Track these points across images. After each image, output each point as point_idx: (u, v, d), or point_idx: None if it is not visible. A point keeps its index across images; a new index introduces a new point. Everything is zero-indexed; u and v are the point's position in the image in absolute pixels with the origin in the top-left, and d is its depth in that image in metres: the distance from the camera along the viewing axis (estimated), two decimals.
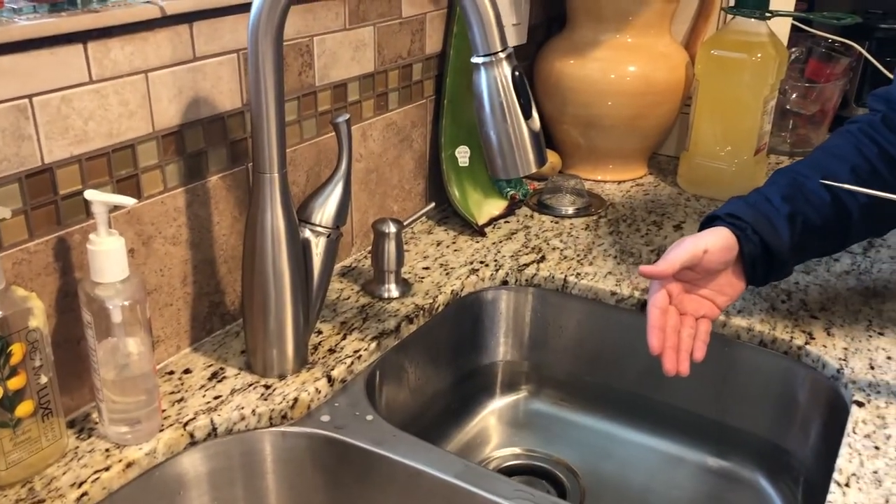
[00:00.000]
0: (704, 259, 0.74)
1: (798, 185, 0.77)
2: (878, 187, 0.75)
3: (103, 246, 0.60)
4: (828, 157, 0.79)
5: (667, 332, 0.74)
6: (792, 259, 0.77)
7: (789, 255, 0.76)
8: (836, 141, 0.81)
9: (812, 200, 0.77)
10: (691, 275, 0.76)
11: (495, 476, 0.68)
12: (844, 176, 0.77)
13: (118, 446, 0.65)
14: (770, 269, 0.77)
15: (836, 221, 0.77)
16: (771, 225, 0.75)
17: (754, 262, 0.76)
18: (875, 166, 0.77)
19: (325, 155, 0.89)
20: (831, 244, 0.81)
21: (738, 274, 0.77)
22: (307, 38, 0.83)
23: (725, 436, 0.88)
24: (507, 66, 0.63)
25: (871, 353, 0.80)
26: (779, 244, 0.75)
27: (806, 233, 0.76)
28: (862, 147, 0.78)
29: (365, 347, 0.80)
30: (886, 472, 0.65)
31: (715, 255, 0.74)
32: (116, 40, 0.64)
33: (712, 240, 0.75)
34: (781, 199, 0.77)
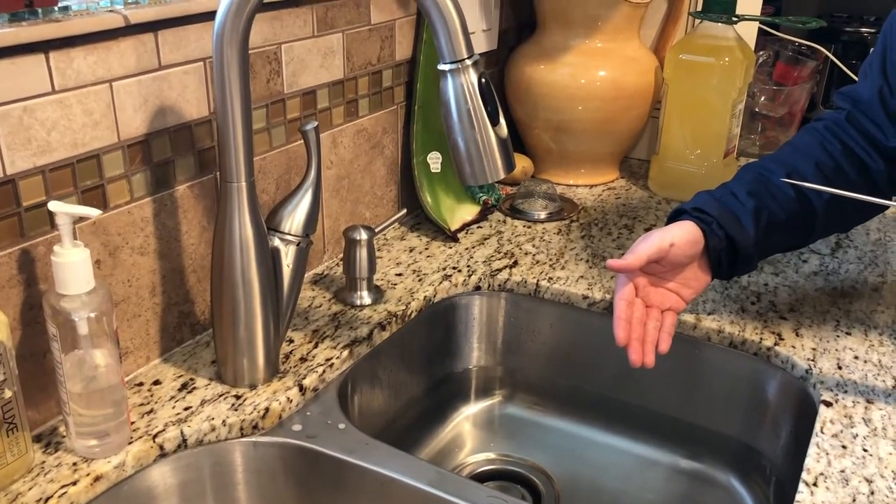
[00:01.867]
0: (671, 252, 0.75)
1: (763, 181, 0.78)
2: (842, 183, 0.76)
3: (68, 258, 0.60)
4: (793, 154, 0.80)
5: (632, 324, 0.74)
6: (757, 253, 0.78)
7: (754, 249, 0.77)
8: (802, 138, 0.82)
9: (777, 196, 0.78)
10: (658, 268, 0.76)
11: (468, 483, 0.67)
12: (809, 172, 0.78)
13: (86, 460, 0.64)
14: (735, 263, 0.78)
15: (801, 216, 0.79)
16: (736, 220, 0.76)
17: (720, 255, 0.77)
18: (839, 163, 0.79)
19: (295, 163, 0.88)
20: (796, 239, 0.83)
21: (704, 267, 0.78)
22: (275, 46, 0.82)
23: (697, 437, 0.88)
24: (473, 73, 0.63)
25: (838, 353, 0.81)
26: (744, 238, 0.76)
27: (771, 227, 0.78)
28: (826, 144, 0.80)
29: (337, 355, 0.80)
30: (853, 471, 0.66)
31: (681, 249, 0.75)
32: (79, 49, 0.64)
33: (678, 233, 0.75)
34: (747, 193, 0.78)
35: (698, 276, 0.78)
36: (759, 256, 0.80)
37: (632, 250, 0.75)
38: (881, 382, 0.77)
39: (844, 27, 1.48)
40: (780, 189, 0.78)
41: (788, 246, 0.84)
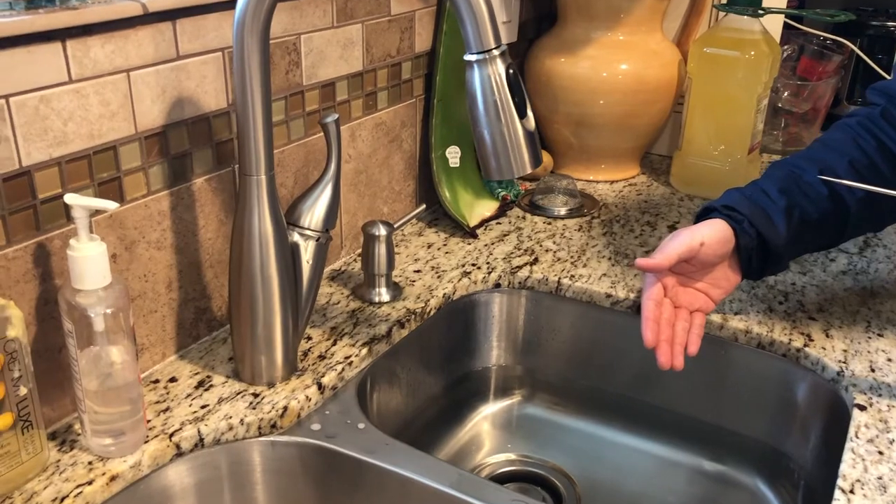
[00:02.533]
0: (701, 252, 0.73)
1: (795, 178, 0.76)
2: (876, 181, 0.74)
3: (84, 252, 0.58)
4: (826, 150, 0.78)
5: (661, 325, 0.73)
6: (788, 252, 0.76)
7: (785, 248, 0.75)
8: (835, 134, 0.80)
9: (809, 194, 0.76)
10: (687, 267, 0.74)
11: (490, 485, 0.66)
12: (842, 169, 0.76)
13: (101, 459, 0.62)
14: (766, 263, 0.76)
15: (834, 215, 0.76)
16: (768, 218, 0.74)
17: (750, 254, 0.75)
18: (873, 160, 0.76)
19: (313, 156, 0.87)
20: (828, 238, 0.80)
21: (734, 267, 0.76)
22: (294, 37, 0.81)
23: (722, 439, 0.86)
24: (501, 64, 0.61)
25: (871, 355, 0.79)
26: (775, 237, 0.74)
27: (802, 226, 0.75)
28: (860, 140, 0.77)
29: (356, 353, 0.78)
30: (891, 477, 0.64)
31: (711, 248, 0.73)
32: (96, 38, 0.62)
33: (709, 232, 0.73)
34: (778, 191, 0.75)
35: (728, 275, 0.76)
36: (790, 256, 0.78)
37: (661, 249, 0.73)
38: None
39: (871, 21, 1.45)
40: (812, 187, 0.76)
41: (820, 245, 0.82)
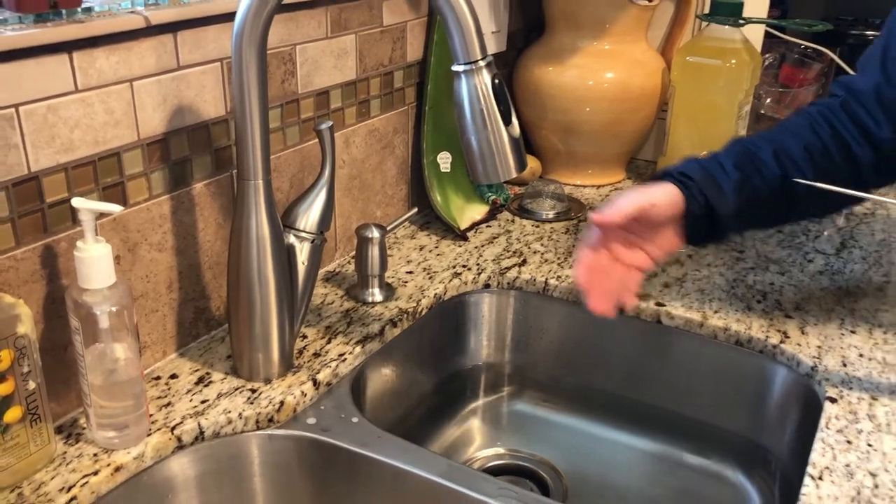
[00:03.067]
0: (651, 212, 0.75)
1: (751, 155, 0.79)
2: (828, 165, 0.78)
3: (90, 253, 0.61)
4: (784, 133, 0.81)
5: (595, 273, 0.76)
6: (733, 225, 0.79)
7: (731, 220, 0.78)
8: (794, 119, 0.83)
9: (763, 171, 0.78)
10: (635, 226, 0.77)
11: (480, 475, 0.69)
12: (797, 151, 0.78)
13: (106, 451, 0.65)
14: (710, 232, 0.78)
15: (783, 197, 0.79)
16: (719, 188, 0.77)
17: (697, 221, 0.77)
18: (827, 146, 0.79)
19: (308, 161, 0.90)
20: (774, 217, 0.84)
21: (679, 231, 0.79)
22: (290, 47, 0.84)
23: (704, 434, 0.90)
24: (487, 74, 0.64)
25: (843, 351, 0.83)
26: (723, 208, 0.77)
27: (751, 202, 0.78)
28: (817, 127, 0.80)
29: (350, 351, 0.81)
30: (858, 465, 0.67)
31: (661, 210, 0.75)
32: (101, 50, 0.65)
33: (660, 194, 0.76)
34: (733, 165, 0.78)
35: (671, 239, 0.78)
36: (735, 229, 0.80)
37: (614, 205, 0.75)
38: (885, 379, 0.78)
39: (850, 30, 1.50)
40: (766, 165, 0.78)
41: (765, 223, 0.84)
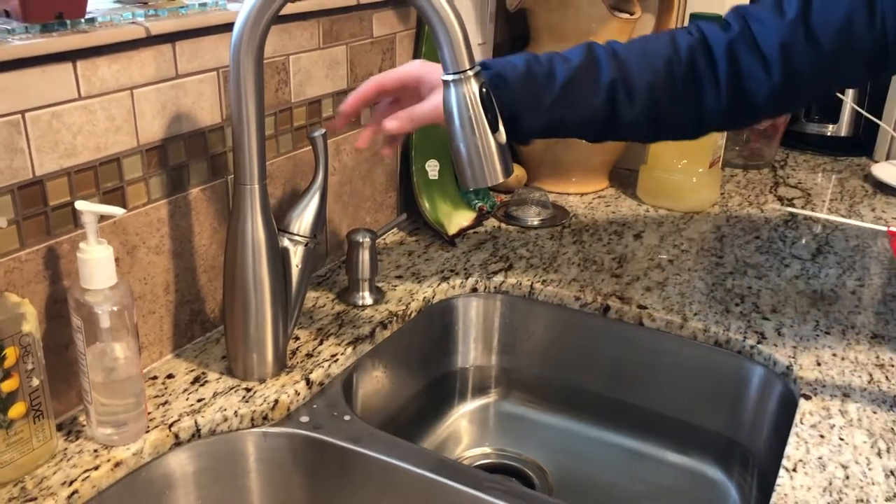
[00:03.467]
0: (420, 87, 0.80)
1: (584, 81, 0.80)
2: (665, 107, 0.81)
3: (93, 254, 0.63)
4: (637, 60, 0.81)
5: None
6: (536, 135, 0.82)
7: (533, 136, 0.82)
8: (658, 46, 0.82)
9: (589, 101, 0.80)
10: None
11: (469, 469, 0.71)
12: (639, 89, 0.80)
13: (106, 447, 0.67)
14: (511, 131, 0.78)
15: (601, 125, 0.82)
16: (533, 106, 0.78)
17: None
18: (675, 88, 0.80)
19: (301, 168, 0.92)
20: (586, 134, 0.86)
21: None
22: (283, 57, 0.87)
23: (685, 432, 0.93)
24: (475, 83, 0.67)
25: (818, 351, 0.86)
26: (524, 131, 0.79)
27: (562, 127, 0.81)
28: (675, 65, 0.80)
29: (341, 352, 0.83)
30: (830, 457, 0.70)
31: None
32: (104, 59, 0.68)
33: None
34: (560, 89, 0.79)
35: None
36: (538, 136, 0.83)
37: (410, 112, 0.79)
38: (857, 378, 0.81)
39: None
40: (596, 95, 0.80)
41: (575, 136, 0.86)
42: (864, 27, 0.76)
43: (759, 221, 1.21)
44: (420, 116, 0.80)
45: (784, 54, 0.78)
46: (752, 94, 0.81)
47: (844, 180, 1.42)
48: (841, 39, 0.77)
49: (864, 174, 1.45)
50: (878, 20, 0.76)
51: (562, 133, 0.84)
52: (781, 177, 1.42)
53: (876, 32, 0.76)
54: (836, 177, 1.44)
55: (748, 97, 0.81)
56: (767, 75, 0.80)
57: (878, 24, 0.76)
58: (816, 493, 0.66)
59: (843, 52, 0.78)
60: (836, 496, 0.65)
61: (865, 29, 0.76)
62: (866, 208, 1.28)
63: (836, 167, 1.49)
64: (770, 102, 0.82)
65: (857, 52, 0.78)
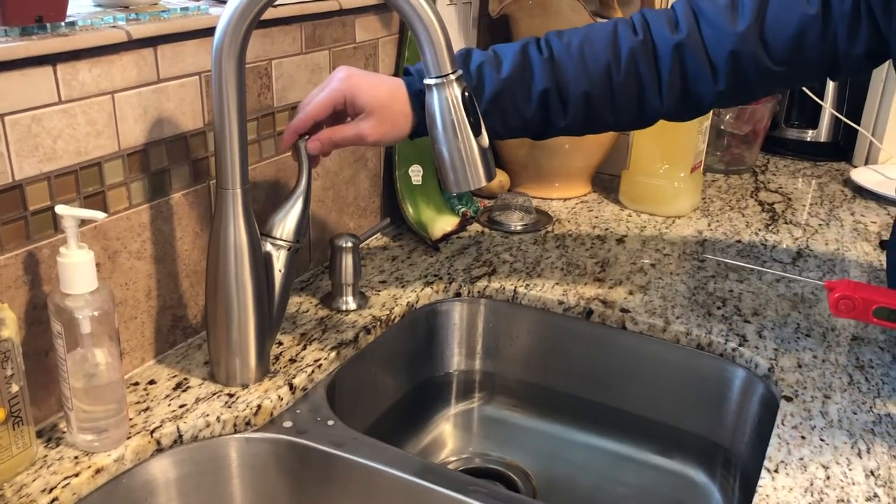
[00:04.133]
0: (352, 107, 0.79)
1: (517, 89, 0.79)
2: (600, 110, 0.81)
3: (73, 259, 0.63)
4: (574, 66, 0.80)
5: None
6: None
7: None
8: (599, 49, 0.80)
9: (519, 110, 0.80)
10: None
11: (452, 473, 0.71)
12: (574, 95, 0.80)
13: (87, 453, 0.67)
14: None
15: (535, 127, 0.82)
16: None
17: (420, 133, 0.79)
18: (614, 94, 0.80)
19: (283, 173, 0.92)
20: (524, 133, 0.85)
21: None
22: (266, 62, 0.87)
23: (667, 435, 0.93)
24: (457, 87, 0.67)
25: (798, 353, 0.86)
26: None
27: (490, 135, 0.79)
28: (613, 70, 0.79)
29: (325, 357, 0.83)
30: (811, 458, 0.70)
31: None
32: (84, 63, 0.67)
33: (378, 133, 0.78)
34: (492, 94, 0.79)
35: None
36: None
37: (332, 133, 0.79)
38: (838, 379, 0.82)
39: None
40: (527, 105, 0.80)
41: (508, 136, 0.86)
42: (815, 39, 0.76)
43: (741, 226, 1.22)
44: (341, 140, 0.79)
45: (733, 63, 0.78)
46: (697, 96, 0.81)
47: (824, 185, 1.44)
48: (792, 51, 0.77)
49: (844, 179, 1.47)
50: (831, 33, 0.76)
51: (493, 139, 0.82)
52: (762, 182, 1.44)
53: (827, 45, 0.77)
54: (816, 181, 1.45)
55: (692, 99, 0.81)
56: (714, 82, 0.80)
57: (829, 37, 0.76)
58: (798, 493, 0.66)
59: (794, 63, 0.78)
60: (817, 496, 0.66)
61: (817, 41, 0.77)
62: (846, 212, 1.29)
63: (816, 172, 1.51)
64: (716, 104, 0.83)
65: (808, 63, 0.79)
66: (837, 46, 0.77)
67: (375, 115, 0.78)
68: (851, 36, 0.75)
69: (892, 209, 1.31)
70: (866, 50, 0.76)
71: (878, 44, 0.76)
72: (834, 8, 0.75)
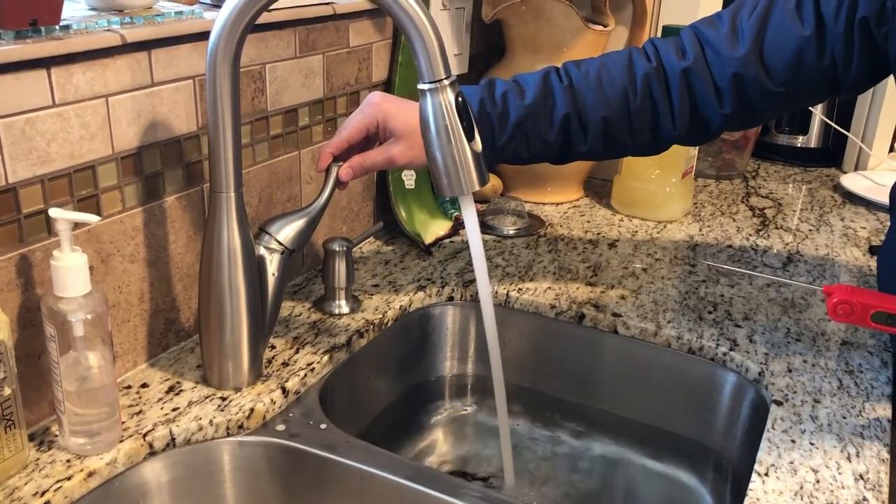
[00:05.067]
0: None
1: (538, 115, 0.82)
2: (619, 136, 0.83)
3: (66, 262, 0.63)
4: (592, 93, 0.82)
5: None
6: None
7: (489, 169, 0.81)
8: (615, 76, 0.82)
9: (542, 135, 0.82)
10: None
11: (445, 476, 0.71)
12: (593, 121, 0.82)
13: (79, 457, 0.67)
14: None
15: (554, 154, 0.85)
16: (485, 146, 0.77)
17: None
18: (631, 121, 0.83)
19: (276, 177, 0.92)
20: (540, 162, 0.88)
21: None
22: (259, 66, 0.87)
23: (658, 438, 0.93)
24: (451, 92, 0.68)
25: (788, 357, 0.87)
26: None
27: (514, 161, 0.84)
28: (630, 96, 0.82)
29: (317, 360, 0.83)
30: (801, 462, 0.71)
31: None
32: (78, 66, 0.67)
33: (404, 155, 0.81)
34: (514, 124, 0.81)
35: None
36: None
37: (362, 159, 0.82)
38: (827, 384, 0.83)
39: None
40: (549, 130, 0.82)
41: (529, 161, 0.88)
42: (814, 60, 0.79)
43: (732, 231, 1.22)
44: (372, 165, 0.82)
45: (736, 85, 0.81)
46: (707, 119, 0.84)
47: (814, 190, 1.45)
48: (792, 72, 0.80)
49: (834, 184, 1.48)
50: (828, 53, 0.78)
51: (517, 163, 0.87)
52: (753, 187, 1.45)
53: (826, 64, 0.79)
54: (807, 187, 1.46)
55: (703, 123, 0.84)
56: (720, 105, 0.82)
57: (827, 57, 0.78)
58: (788, 497, 0.67)
59: (795, 83, 0.81)
60: (807, 500, 0.66)
61: (815, 62, 0.79)
62: (836, 218, 1.30)
63: (807, 178, 1.52)
64: (724, 127, 0.85)
65: (809, 83, 0.81)
66: (836, 65, 0.79)
67: (405, 139, 0.81)
68: (848, 53, 0.77)
69: (881, 215, 1.32)
70: (865, 66, 0.78)
71: (876, 58, 0.78)
72: (828, 27, 0.77)
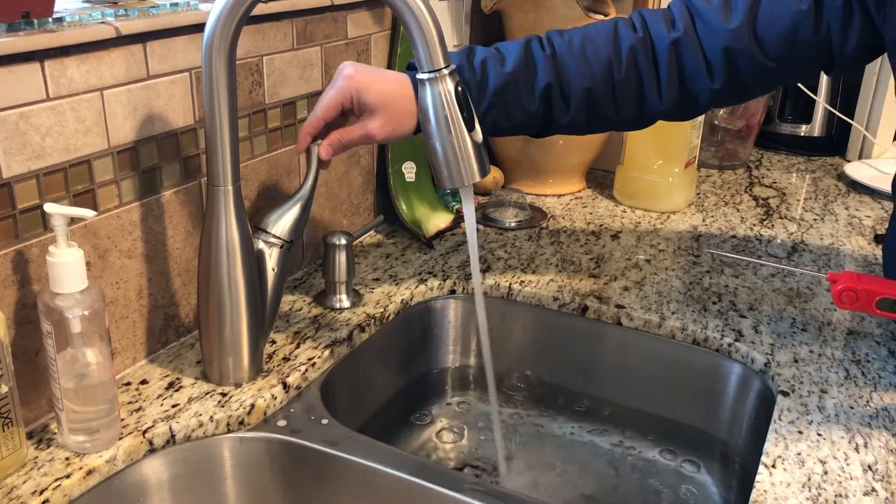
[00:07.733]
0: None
1: (521, 84, 0.79)
2: (603, 109, 0.81)
3: (63, 257, 0.62)
4: (576, 62, 0.80)
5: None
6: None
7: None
8: (600, 46, 0.80)
9: (523, 105, 0.80)
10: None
11: (449, 471, 0.71)
12: (576, 92, 0.80)
13: (78, 455, 0.66)
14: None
15: (536, 126, 0.83)
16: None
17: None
18: (615, 89, 0.80)
19: (275, 170, 0.91)
20: (523, 131, 0.86)
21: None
22: (257, 58, 0.86)
23: (663, 429, 0.92)
24: (450, 82, 0.67)
25: (794, 348, 0.86)
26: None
27: (494, 132, 0.81)
28: (615, 67, 0.80)
29: (318, 355, 0.82)
30: (808, 453, 0.70)
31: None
32: (73, 59, 0.67)
33: (384, 131, 0.78)
34: (493, 92, 0.79)
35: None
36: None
37: (340, 135, 0.79)
38: (834, 374, 0.82)
39: None
40: (530, 100, 0.80)
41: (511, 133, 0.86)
42: (809, 35, 0.77)
43: (735, 221, 1.21)
44: (350, 141, 0.79)
45: (728, 59, 0.79)
46: (695, 94, 0.82)
47: (818, 180, 1.43)
48: (786, 47, 0.78)
49: (838, 173, 1.47)
50: (824, 28, 0.76)
51: (498, 134, 0.85)
52: (756, 177, 1.43)
53: (821, 40, 0.77)
54: (810, 176, 1.45)
55: (691, 97, 0.82)
56: (710, 79, 0.80)
57: (822, 32, 0.77)
58: (796, 488, 0.66)
59: (789, 58, 0.79)
60: (815, 491, 0.65)
61: (811, 37, 0.77)
62: (840, 207, 1.29)
63: (810, 167, 1.51)
64: (712, 102, 0.83)
65: (803, 58, 0.79)
66: (831, 41, 0.77)
67: (381, 112, 0.77)
68: (845, 30, 0.76)
69: (886, 203, 1.31)
70: (861, 44, 0.76)
71: (872, 37, 0.76)
72: (826, 2, 0.76)
